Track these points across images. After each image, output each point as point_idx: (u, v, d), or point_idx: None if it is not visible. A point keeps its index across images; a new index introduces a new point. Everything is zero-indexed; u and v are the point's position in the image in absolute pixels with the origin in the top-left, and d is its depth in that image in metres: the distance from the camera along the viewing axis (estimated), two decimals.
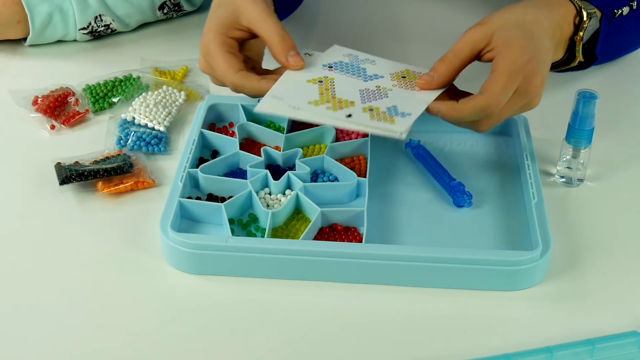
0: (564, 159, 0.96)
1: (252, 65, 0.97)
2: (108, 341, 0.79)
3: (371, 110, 0.86)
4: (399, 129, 0.83)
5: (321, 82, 0.89)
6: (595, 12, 0.97)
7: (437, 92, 0.89)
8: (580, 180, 0.96)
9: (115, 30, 1.21)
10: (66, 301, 0.83)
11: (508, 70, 0.86)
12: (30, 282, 0.85)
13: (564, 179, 0.97)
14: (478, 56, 0.89)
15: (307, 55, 0.94)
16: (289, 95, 0.87)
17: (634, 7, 1.02)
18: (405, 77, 0.92)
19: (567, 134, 0.94)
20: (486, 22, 0.89)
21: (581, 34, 0.96)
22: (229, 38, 0.93)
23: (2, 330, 0.80)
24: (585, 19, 0.96)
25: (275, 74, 0.93)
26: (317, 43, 1.22)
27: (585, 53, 1.00)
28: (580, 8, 0.96)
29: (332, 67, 0.92)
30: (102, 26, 1.19)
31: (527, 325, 0.81)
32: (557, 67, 1.01)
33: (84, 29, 1.18)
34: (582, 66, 1.01)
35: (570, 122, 0.93)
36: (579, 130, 0.93)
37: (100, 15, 1.18)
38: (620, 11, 1.00)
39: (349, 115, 0.85)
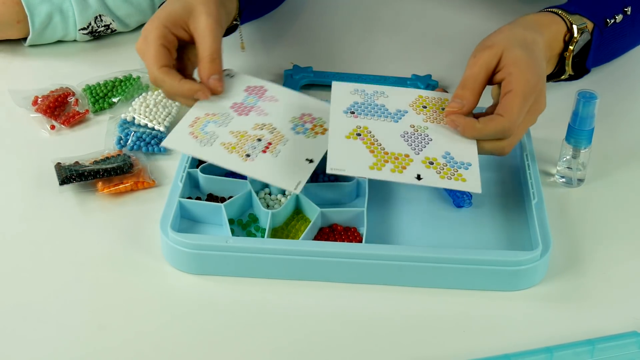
0: (564, 159, 0.96)
1: (188, 71, 0.99)
2: (108, 341, 0.79)
3: (431, 163, 0.86)
4: (475, 188, 0.84)
5: (360, 135, 0.89)
6: (586, 25, 0.98)
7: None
8: (580, 180, 0.96)
9: (115, 30, 1.21)
10: (66, 301, 0.83)
11: (523, 91, 0.87)
12: (31, 282, 0.85)
13: (564, 179, 0.97)
14: (491, 77, 0.90)
15: (228, 77, 0.97)
16: (347, 163, 0.86)
17: (629, 13, 1.02)
18: (426, 107, 0.92)
19: (567, 134, 0.94)
20: (493, 44, 0.90)
21: (571, 48, 0.98)
22: (170, 34, 0.95)
23: (2, 330, 0.80)
24: (575, 35, 0.97)
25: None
26: (308, 45, 1.22)
27: (576, 66, 1.00)
28: (571, 24, 0.97)
29: (354, 112, 0.91)
30: (102, 26, 1.19)
31: (527, 325, 0.81)
32: (547, 79, 1.02)
33: (84, 29, 1.18)
34: (573, 78, 1.02)
35: (570, 122, 0.93)
36: (579, 131, 0.93)
37: (100, 16, 1.18)
38: (612, 20, 1.01)
39: (419, 177, 0.85)
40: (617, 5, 1.02)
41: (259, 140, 0.90)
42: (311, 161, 0.89)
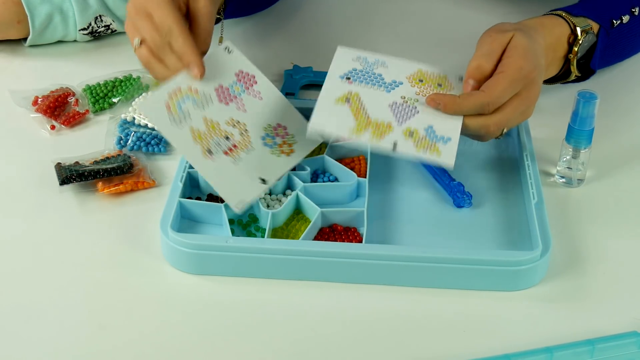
0: (564, 159, 0.96)
1: None
2: (108, 341, 0.79)
3: (411, 134, 0.87)
4: (448, 161, 0.86)
5: (348, 100, 0.90)
6: (591, 27, 0.98)
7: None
8: (580, 180, 0.96)
9: (116, 30, 1.21)
10: (66, 301, 0.83)
11: (512, 74, 0.88)
12: (31, 282, 0.85)
13: (564, 179, 0.97)
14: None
15: (226, 51, 0.94)
16: (330, 123, 0.88)
17: (637, 13, 1.03)
18: (422, 81, 0.93)
19: (567, 134, 0.94)
20: (507, 30, 0.92)
21: (576, 49, 0.98)
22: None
23: (2, 330, 0.80)
24: (579, 37, 0.98)
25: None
26: (308, 45, 1.22)
27: (582, 67, 1.01)
28: (575, 26, 0.97)
29: (349, 78, 0.93)
30: (102, 27, 1.19)
31: (527, 325, 0.81)
32: (553, 81, 1.02)
33: (84, 29, 1.18)
34: (580, 79, 1.03)
35: (570, 122, 0.93)
36: (579, 131, 0.93)
37: (100, 16, 1.18)
38: (619, 21, 1.01)
39: (395, 145, 0.87)
40: (624, 6, 1.03)
41: (227, 138, 0.90)
42: (264, 182, 0.88)
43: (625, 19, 1.02)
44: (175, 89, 0.90)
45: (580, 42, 0.98)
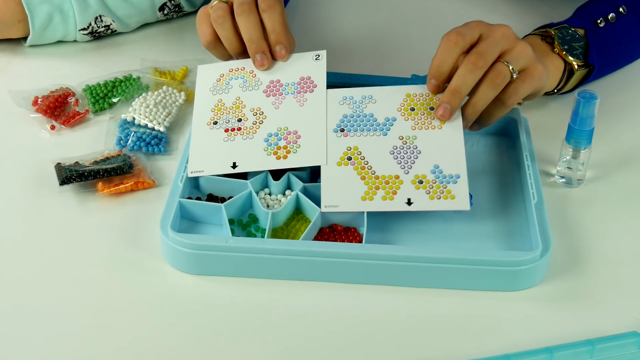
0: (564, 159, 0.96)
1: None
2: (108, 341, 0.79)
3: (421, 182, 0.87)
4: (463, 205, 0.86)
5: (350, 159, 0.90)
6: (569, 28, 1.02)
7: (460, 125, 0.91)
8: (580, 180, 0.96)
9: (116, 30, 1.21)
10: (66, 301, 0.83)
11: (494, 27, 0.91)
12: (30, 282, 0.85)
13: (564, 180, 0.97)
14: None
15: (315, 58, 0.96)
16: (340, 198, 0.88)
17: (625, 12, 1.04)
18: (414, 110, 0.92)
19: (567, 134, 0.94)
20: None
21: (557, 43, 1.02)
22: None
23: (1, 330, 0.80)
24: (554, 36, 1.02)
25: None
26: (308, 45, 1.22)
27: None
28: (552, 35, 1.02)
29: (343, 129, 0.91)
30: (102, 27, 1.19)
31: (527, 325, 0.81)
32: (559, 88, 1.05)
33: (84, 29, 1.18)
34: (585, 79, 1.05)
35: (570, 122, 0.93)
36: (579, 131, 0.93)
37: (100, 16, 1.18)
38: (604, 20, 1.03)
39: (409, 201, 0.87)
40: (608, 7, 1.05)
41: (239, 120, 0.92)
42: (234, 166, 0.90)
43: (612, 17, 1.04)
44: (239, 66, 0.96)
45: (558, 41, 1.01)
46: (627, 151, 1.02)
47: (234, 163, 0.90)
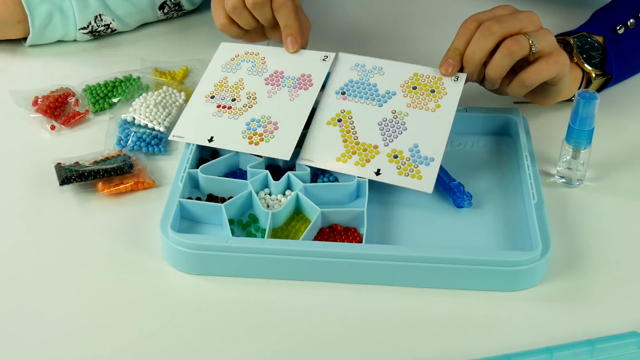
0: (564, 159, 0.96)
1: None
2: (108, 341, 0.79)
3: (396, 157, 0.90)
4: (426, 188, 0.88)
5: (340, 121, 0.93)
6: (588, 35, 1.01)
7: (452, 113, 0.92)
8: (580, 180, 0.96)
9: (116, 30, 1.21)
10: (66, 301, 0.83)
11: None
12: (30, 282, 0.85)
13: (564, 180, 0.97)
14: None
15: (323, 59, 0.99)
16: (318, 154, 0.91)
17: None
18: (416, 88, 0.94)
19: (567, 134, 0.94)
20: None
21: (575, 51, 1.02)
22: None
23: (1, 330, 0.80)
24: (572, 44, 1.02)
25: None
26: (308, 45, 1.22)
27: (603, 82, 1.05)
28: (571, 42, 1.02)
29: (344, 92, 0.95)
30: (102, 26, 1.19)
31: (527, 325, 0.81)
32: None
33: (84, 28, 1.18)
34: (604, 86, 1.06)
35: (570, 122, 0.93)
36: (579, 131, 0.93)
37: (100, 15, 1.18)
38: (623, 27, 1.03)
39: (378, 172, 0.89)
40: (627, 12, 1.04)
41: (233, 100, 0.96)
42: (210, 140, 0.94)
43: (632, 23, 1.04)
44: (254, 51, 1.01)
45: (577, 50, 1.01)
46: (627, 151, 1.02)
47: (212, 137, 0.94)
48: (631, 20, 1.04)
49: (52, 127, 1.05)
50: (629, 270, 0.86)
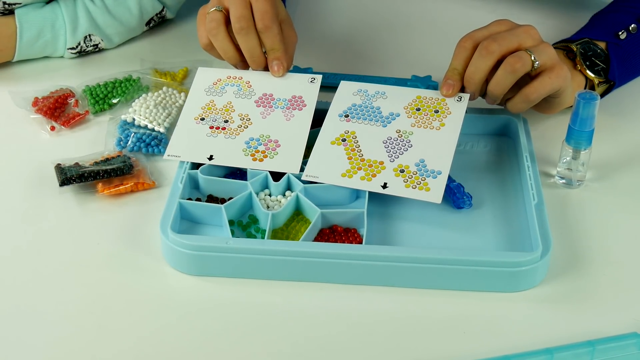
0: (564, 160, 0.96)
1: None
2: (108, 342, 0.79)
3: (402, 172, 0.89)
4: (435, 199, 0.87)
5: (345, 140, 0.92)
6: (602, 81, 1.02)
7: (457, 130, 0.92)
8: (581, 181, 0.96)
9: (104, 49, 1.20)
10: (66, 302, 0.83)
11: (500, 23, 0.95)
12: (30, 282, 0.85)
13: (564, 180, 0.97)
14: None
15: (310, 80, 0.99)
16: (322, 170, 0.91)
17: None
18: (419, 110, 0.94)
19: (567, 135, 0.94)
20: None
21: (578, 58, 1.02)
22: None
23: (2, 331, 0.80)
24: (596, 86, 1.02)
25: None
26: (308, 46, 1.22)
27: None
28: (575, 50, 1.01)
29: (348, 115, 0.95)
30: (90, 46, 1.18)
31: (528, 326, 0.81)
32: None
33: (72, 48, 1.17)
34: (607, 92, 1.06)
35: (570, 123, 0.93)
36: (579, 132, 0.93)
37: (89, 35, 1.17)
38: (625, 32, 1.03)
39: (385, 185, 0.88)
40: (628, 17, 1.04)
41: (226, 121, 0.96)
42: (210, 158, 0.93)
43: (633, 28, 1.04)
44: (237, 75, 0.99)
45: (580, 57, 1.01)
46: (627, 151, 1.02)
47: (211, 155, 0.93)
48: (633, 25, 1.04)
49: (52, 128, 1.05)
50: (629, 271, 0.86)
